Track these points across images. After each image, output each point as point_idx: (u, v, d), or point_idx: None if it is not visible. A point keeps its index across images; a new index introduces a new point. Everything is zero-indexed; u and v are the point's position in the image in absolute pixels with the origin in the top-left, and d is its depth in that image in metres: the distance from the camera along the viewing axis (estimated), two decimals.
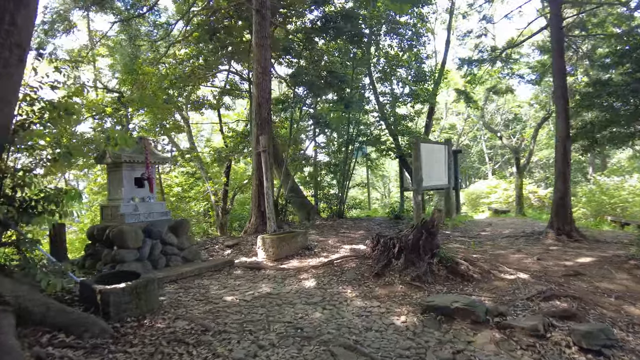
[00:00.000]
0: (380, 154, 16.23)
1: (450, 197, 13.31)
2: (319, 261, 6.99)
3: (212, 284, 6.03)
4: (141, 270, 6.25)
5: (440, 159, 12.88)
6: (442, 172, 12.97)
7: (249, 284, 6.02)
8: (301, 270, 6.51)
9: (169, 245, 6.81)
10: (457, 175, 15.34)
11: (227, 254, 8.08)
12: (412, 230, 6.35)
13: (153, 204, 6.95)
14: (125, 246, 6.20)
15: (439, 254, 6.16)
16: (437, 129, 28.97)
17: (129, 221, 6.52)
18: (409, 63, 15.06)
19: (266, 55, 10.81)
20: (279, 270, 6.63)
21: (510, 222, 13.60)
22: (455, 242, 9.49)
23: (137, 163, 6.77)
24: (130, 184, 6.76)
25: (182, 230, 7.06)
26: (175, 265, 6.71)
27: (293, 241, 7.63)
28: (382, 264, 6.22)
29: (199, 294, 5.52)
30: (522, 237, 9.88)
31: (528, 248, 8.52)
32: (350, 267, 6.48)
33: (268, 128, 10.99)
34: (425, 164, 11.92)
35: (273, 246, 7.26)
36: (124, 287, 4.38)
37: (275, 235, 7.49)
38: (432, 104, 15.48)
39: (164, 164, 7.61)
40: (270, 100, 11.24)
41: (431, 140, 14.78)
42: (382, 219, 13.92)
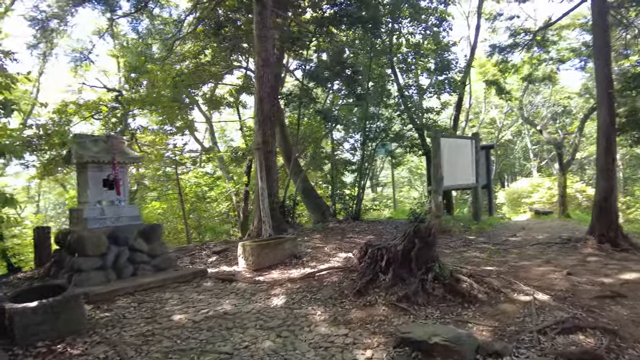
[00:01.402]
0: (405, 150, 15.08)
1: (478, 197, 11.96)
2: (301, 273, 6.14)
3: (172, 298, 5.34)
4: (103, 279, 5.72)
5: (465, 155, 11.59)
6: (468, 170, 11.67)
7: (211, 299, 5.28)
8: (276, 284, 5.68)
9: (138, 253, 6.22)
10: (489, 173, 13.90)
11: (210, 262, 7.41)
12: (403, 239, 5.34)
13: (122, 208, 6.40)
14: (85, 253, 5.67)
15: (435, 268, 5.11)
16: (476, 123, 27.11)
17: (92, 226, 5.99)
18: (434, 51, 13.80)
19: (267, 47, 10.07)
20: (253, 283, 5.84)
21: (548, 226, 12.03)
22: (474, 250, 8.29)
23: (104, 163, 6.23)
24: (97, 186, 6.24)
25: (154, 236, 6.46)
26: (143, 274, 6.11)
27: (279, 249, 6.82)
28: (367, 280, 5.26)
29: (150, 311, 4.84)
30: (556, 245, 8.49)
31: (560, 259, 7.19)
32: (331, 282, 5.58)
33: (270, 124, 10.26)
34: (447, 161, 10.72)
35: (253, 254, 6.49)
36: (35, 306, 3.77)
37: (256, 243, 6.72)
38: (460, 95, 14.10)
39: (135, 163, 7.09)
40: (274, 95, 10.49)
41: (454, 135, 13.43)
42: (402, 221, 12.80)
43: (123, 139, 6.91)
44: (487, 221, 12.25)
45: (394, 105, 14.46)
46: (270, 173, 10.22)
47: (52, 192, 27.79)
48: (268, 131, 10.15)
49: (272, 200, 10.25)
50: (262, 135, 10.05)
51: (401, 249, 5.20)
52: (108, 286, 5.37)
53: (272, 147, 10.23)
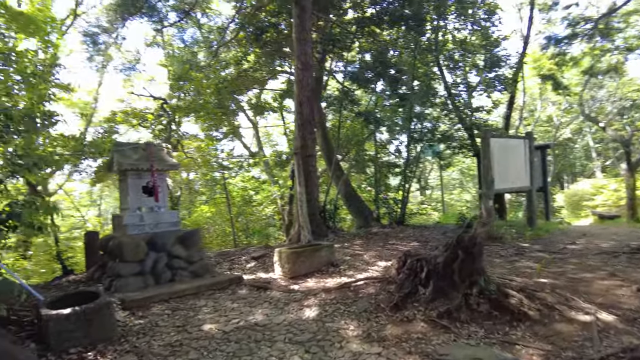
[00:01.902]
0: (453, 151, 14.42)
1: (532, 200, 11.12)
2: (337, 282, 5.91)
3: (206, 306, 5.31)
4: (141, 285, 5.82)
5: (518, 156, 10.81)
6: (521, 171, 10.88)
7: (244, 308, 5.18)
8: (310, 294, 5.49)
9: (176, 259, 6.28)
10: (545, 175, 12.92)
11: (248, 268, 7.37)
12: (445, 249, 4.95)
13: (162, 214, 6.50)
14: (124, 259, 5.79)
15: (480, 281, 4.68)
16: (531, 122, 25.48)
17: (131, 232, 6.13)
18: (482, 47, 13.06)
19: (306, 50, 9.96)
20: (287, 292, 5.69)
21: (614, 232, 10.93)
22: (527, 259, 7.64)
23: (143, 171, 6.36)
24: (137, 193, 6.38)
25: (192, 242, 6.50)
26: (181, 280, 6.16)
27: (315, 256, 6.63)
28: (405, 293, 4.93)
29: (182, 319, 4.82)
30: (623, 255, 7.61)
31: (628, 271, 6.42)
32: (367, 294, 5.30)
33: (310, 128, 10.13)
34: (497, 163, 10.05)
35: (288, 262, 6.35)
36: (69, 313, 3.83)
37: (291, 250, 6.57)
38: (512, 92, 13.22)
39: (173, 170, 7.21)
40: (314, 98, 10.35)
41: (506, 134, 12.59)
42: (451, 226, 12.19)
43: (162, 146, 7.05)
44: (543, 227, 11.35)
45: (441, 105, 13.85)
46: (310, 177, 10.09)
47: (113, 195, 29.50)
48: (308, 135, 10.02)
49: (312, 204, 10.12)
50: (301, 139, 9.94)
51: (442, 260, 4.82)
52: (144, 292, 5.44)
53: (312, 151, 10.09)
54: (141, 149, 6.40)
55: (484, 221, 7.76)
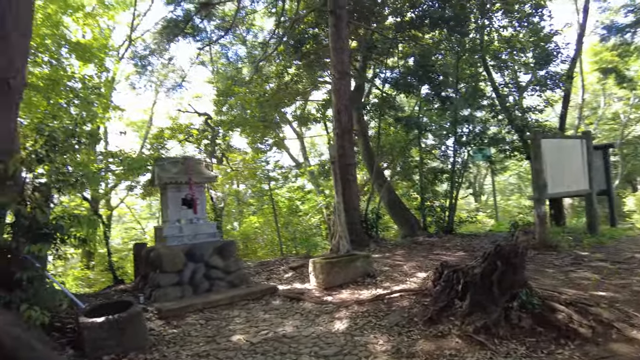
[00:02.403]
0: (505, 155, 13.68)
1: (593, 205, 10.21)
2: (371, 294, 5.72)
3: (239, 316, 5.35)
4: (179, 294, 5.99)
5: (574, 158, 10.00)
6: (578, 174, 10.04)
7: (276, 319, 5.15)
8: (342, 306, 5.36)
9: (214, 269, 6.42)
10: (608, 177, 11.84)
11: (285, 278, 7.37)
12: (483, 260, 4.63)
13: (200, 225, 6.68)
14: (163, 269, 6.00)
15: (521, 294, 4.31)
16: (594, 120, 23.59)
17: (170, 243, 6.34)
18: (532, 43, 12.33)
19: (343, 59, 9.92)
20: (319, 303, 5.60)
21: None
22: (585, 270, 6.99)
23: (182, 184, 6.59)
24: (176, 205, 6.61)
25: (229, 252, 6.61)
26: (218, 290, 6.27)
27: (350, 267, 6.49)
28: (440, 306, 4.65)
29: (214, 329, 4.89)
30: None
31: None
32: (400, 306, 5.07)
33: (349, 137, 10.05)
34: (550, 165, 9.35)
35: (322, 273, 6.25)
36: (102, 321, 3.99)
37: (326, 260, 6.47)
38: (567, 89, 12.29)
39: (211, 182, 7.38)
40: (351, 106, 10.27)
41: (559, 134, 11.69)
42: (504, 235, 11.51)
43: (200, 159, 7.29)
44: (607, 233, 10.37)
45: (489, 107, 13.20)
46: (350, 186, 9.98)
47: None
48: (346, 144, 9.95)
49: (352, 214, 9.98)
50: (339, 148, 9.88)
51: (480, 271, 4.51)
52: (181, 302, 5.58)
53: (350, 159, 9.98)
54: (180, 163, 6.64)
55: (526, 229, 7.20)
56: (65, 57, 9.35)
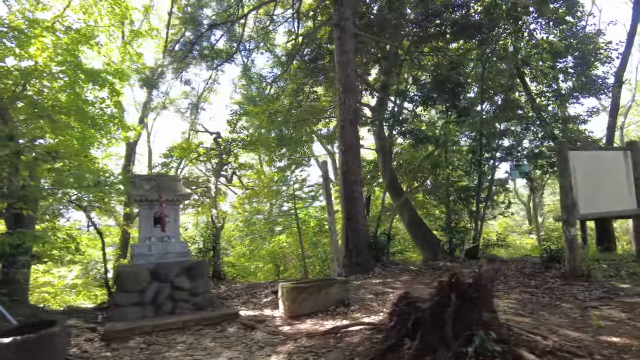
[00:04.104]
0: (543, 171, 12.32)
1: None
2: (333, 326, 5.08)
3: (185, 342, 4.95)
4: (139, 315, 5.75)
5: (615, 172, 8.60)
6: (622, 191, 8.61)
7: (218, 349, 4.70)
8: (292, 338, 4.77)
9: (179, 290, 6.12)
10: None
11: (263, 302, 6.88)
12: (436, 293, 3.86)
13: (171, 244, 6.45)
14: (124, 289, 5.81)
15: (477, 337, 3.49)
16: None
17: (137, 262, 6.16)
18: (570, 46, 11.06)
19: (348, 72, 9.46)
20: (272, 333, 5.05)
21: None
22: (616, 306, 5.78)
23: (154, 201, 6.43)
24: (148, 223, 6.45)
25: (197, 273, 6.29)
26: (182, 312, 5.95)
27: (322, 294, 5.86)
28: (387, 345, 3.92)
29: (150, 355, 4.55)
30: None
31: None
32: (348, 343, 4.39)
33: (354, 152, 9.48)
34: (583, 181, 8.12)
35: (288, 299, 5.70)
36: (9, 342, 3.78)
37: (293, 285, 5.90)
38: (616, 96, 10.75)
39: (184, 200, 7.13)
40: (357, 121, 9.73)
41: (594, 146, 10.18)
42: (535, 260, 10.20)
43: (176, 176, 7.12)
44: None
45: (525, 118, 11.97)
46: (355, 205, 9.37)
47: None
48: (351, 160, 9.39)
49: (358, 234, 9.33)
50: (344, 164, 9.35)
51: (429, 306, 3.75)
52: (130, 324, 5.31)
53: (355, 176, 9.38)
54: (152, 180, 6.51)
55: (491, 257, 6.11)
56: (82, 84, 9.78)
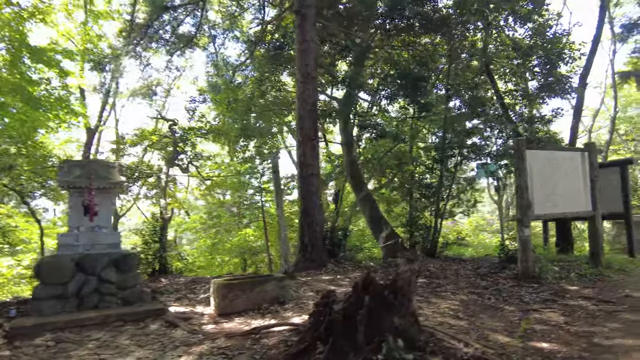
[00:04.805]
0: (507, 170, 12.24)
1: (597, 230, 8.64)
2: (259, 325, 4.80)
3: (99, 339, 4.62)
4: (59, 309, 5.38)
5: (573, 173, 8.54)
6: (579, 193, 8.56)
7: (131, 347, 4.38)
8: (210, 338, 4.49)
9: (106, 283, 5.75)
10: (626, 198, 10.18)
11: (200, 298, 6.56)
12: (349, 295, 3.61)
13: (101, 235, 6.07)
14: (45, 281, 5.42)
15: (387, 344, 3.25)
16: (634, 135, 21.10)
17: (63, 252, 5.77)
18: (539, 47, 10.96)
19: (307, 61, 9.13)
20: (193, 332, 4.75)
21: None
22: (559, 309, 5.68)
23: (84, 189, 6.02)
24: (77, 212, 6.04)
25: (126, 266, 5.93)
26: (106, 306, 5.59)
27: (256, 291, 5.58)
28: (300, 348, 3.68)
29: (53, 354, 4.21)
30: None
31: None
32: (265, 345, 4.13)
33: (312, 145, 9.19)
34: (540, 181, 8.03)
35: (218, 296, 5.40)
36: None
37: (225, 281, 5.61)
38: (580, 97, 10.73)
39: (117, 188, 6.73)
40: (316, 112, 9.42)
41: (552, 146, 10.14)
42: (494, 260, 10.13)
43: (110, 163, 6.72)
44: (617, 264, 8.75)
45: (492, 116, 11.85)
46: (311, 199, 9.10)
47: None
48: (309, 152, 9.10)
49: (314, 229, 9.08)
50: (301, 156, 9.06)
51: (342, 308, 3.51)
52: (41, 319, 4.95)
53: (312, 169, 9.10)
54: (82, 166, 6.11)
55: (410, 257, 5.95)
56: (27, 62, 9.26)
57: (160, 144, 10.06)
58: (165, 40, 11.44)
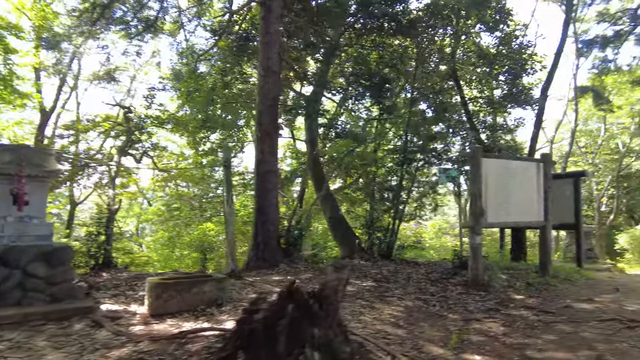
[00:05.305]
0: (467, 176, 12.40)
1: (546, 239, 8.82)
2: (191, 328, 4.59)
3: (12, 340, 4.27)
4: None
5: (527, 183, 8.67)
6: (531, 202, 8.70)
7: (45, 349, 4.07)
8: (133, 341, 4.24)
9: (33, 278, 5.37)
10: (577, 209, 10.45)
11: (139, 295, 6.26)
12: (272, 303, 3.45)
13: (31, 226, 5.68)
14: None
15: (304, 356, 3.11)
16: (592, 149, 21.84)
17: None
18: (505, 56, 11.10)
19: (270, 54, 8.89)
20: (118, 334, 4.49)
21: None
22: (500, 319, 5.70)
23: (14, 176, 5.61)
24: (5, 201, 5.62)
25: (57, 260, 5.57)
26: (30, 303, 5.22)
27: (194, 291, 5.35)
28: (219, 357, 3.48)
29: None
30: None
31: (632, 354, 4.32)
32: (187, 351, 3.93)
33: (270, 141, 8.98)
34: (494, 190, 8.10)
35: (152, 295, 5.14)
36: None
37: (160, 280, 5.36)
38: (540, 107, 10.93)
39: (52, 177, 6.36)
40: (276, 107, 9.20)
41: (509, 155, 10.34)
42: (447, 265, 10.23)
43: (46, 150, 6.33)
44: (562, 274, 8.97)
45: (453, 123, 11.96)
46: (267, 197, 8.91)
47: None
48: (267, 148, 8.89)
49: (269, 228, 8.89)
50: (260, 152, 8.83)
51: (263, 316, 3.34)
52: None
53: (270, 166, 8.90)
54: (13, 151, 5.69)
55: (338, 264, 5.93)
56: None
57: (115, 132, 9.60)
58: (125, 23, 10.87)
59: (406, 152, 10.47)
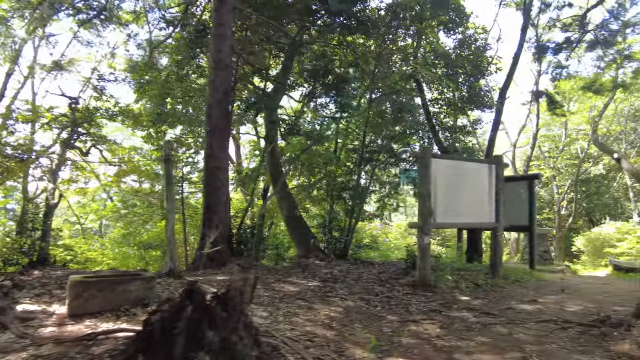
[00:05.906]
0: None
1: (497, 241, 8.89)
2: (104, 329, 4.33)
3: None
4: None
5: (478, 185, 8.72)
6: (482, 204, 8.75)
7: None
8: (37, 344, 3.95)
9: None
10: (532, 211, 10.60)
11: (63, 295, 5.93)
12: (173, 304, 3.25)
13: None
14: None
15: None
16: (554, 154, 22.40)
17: None
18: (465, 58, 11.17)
19: (221, 47, 8.64)
20: (23, 337, 4.18)
21: (608, 291, 8.40)
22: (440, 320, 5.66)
23: None
24: None
25: None
26: None
27: (119, 291, 5.07)
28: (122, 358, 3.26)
29: None
30: (578, 327, 5.31)
31: (559, 356, 4.30)
32: (89, 354, 3.68)
33: (220, 136, 8.74)
34: (444, 190, 8.11)
35: (72, 294, 4.85)
36: None
37: (82, 278, 5.07)
38: (498, 110, 11.06)
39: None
40: (227, 102, 8.96)
41: (459, 157, 10.44)
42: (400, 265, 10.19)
43: None
44: (512, 275, 9.07)
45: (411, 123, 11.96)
46: (216, 194, 8.65)
47: None
48: (216, 144, 8.64)
49: (217, 227, 8.63)
50: (208, 148, 8.58)
51: (160, 318, 3.13)
52: None
53: (219, 162, 8.65)
54: None
55: (244, 265, 5.84)
56: None
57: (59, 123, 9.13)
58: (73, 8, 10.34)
59: (363, 152, 10.40)
